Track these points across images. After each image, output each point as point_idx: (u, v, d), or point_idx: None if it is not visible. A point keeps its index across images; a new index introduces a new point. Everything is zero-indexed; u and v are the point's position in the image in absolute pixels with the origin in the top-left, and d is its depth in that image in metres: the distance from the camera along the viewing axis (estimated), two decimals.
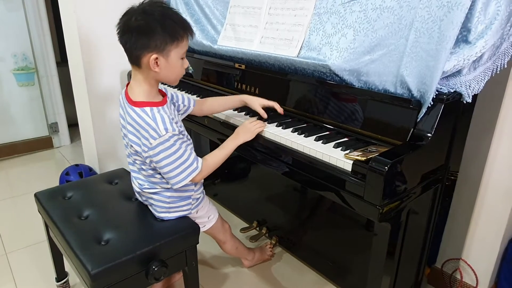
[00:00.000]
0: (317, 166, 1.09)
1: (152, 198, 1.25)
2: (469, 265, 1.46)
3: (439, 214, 1.28)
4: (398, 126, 1.09)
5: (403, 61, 1.09)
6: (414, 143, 1.04)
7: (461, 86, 1.07)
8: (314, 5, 1.34)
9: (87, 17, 1.93)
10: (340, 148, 1.11)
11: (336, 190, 1.05)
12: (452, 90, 1.06)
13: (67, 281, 1.53)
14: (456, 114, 1.11)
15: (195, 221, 1.32)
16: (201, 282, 1.47)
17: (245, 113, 1.45)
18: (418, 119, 1.05)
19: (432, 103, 1.04)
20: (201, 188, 1.33)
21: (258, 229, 1.85)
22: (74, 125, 2.76)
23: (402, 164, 0.96)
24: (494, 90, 1.24)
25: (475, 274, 1.45)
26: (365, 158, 0.98)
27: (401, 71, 1.09)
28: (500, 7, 0.99)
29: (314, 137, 1.20)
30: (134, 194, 1.36)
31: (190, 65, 1.84)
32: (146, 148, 1.11)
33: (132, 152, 1.19)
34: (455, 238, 1.48)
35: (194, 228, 1.25)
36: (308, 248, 1.69)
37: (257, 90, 1.50)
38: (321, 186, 1.09)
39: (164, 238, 1.17)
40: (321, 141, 1.16)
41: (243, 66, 1.55)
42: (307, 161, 1.12)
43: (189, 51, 1.88)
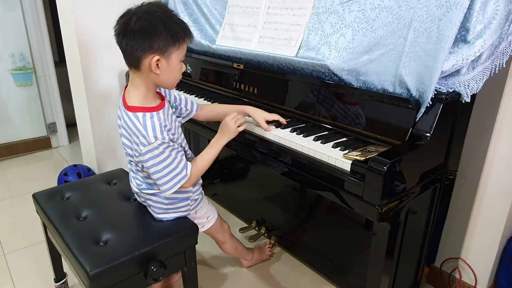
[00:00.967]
0: (316, 166, 1.09)
1: (150, 199, 1.25)
2: (468, 264, 1.46)
3: (438, 214, 1.28)
4: (397, 125, 1.09)
5: (402, 60, 1.09)
6: (413, 143, 1.04)
7: (459, 86, 1.07)
8: (313, 4, 1.34)
9: (85, 16, 1.92)
10: (339, 148, 1.11)
11: (335, 190, 1.05)
12: (450, 90, 1.06)
13: (66, 282, 1.52)
14: (454, 114, 1.12)
15: (194, 221, 1.32)
16: (200, 283, 1.47)
17: None
18: (417, 119, 1.05)
19: (430, 103, 1.04)
20: (199, 189, 1.33)
21: (257, 229, 1.85)
22: (72, 125, 2.75)
23: (401, 164, 0.96)
24: (493, 89, 1.24)
25: (474, 273, 1.45)
26: (364, 158, 0.98)
27: (399, 71, 1.09)
28: (498, 7, 0.99)
29: (313, 137, 1.20)
30: (132, 194, 1.35)
31: (188, 65, 1.84)
32: (136, 153, 1.11)
33: (129, 155, 1.19)
34: (454, 237, 1.48)
35: (193, 228, 1.25)
36: (307, 247, 1.69)
37: (255, 90, 1.50)
38: (320, 186, 1.09)
39: (163, 239, 1.16)
40: (320, 141, 1.16)
41: (242, 66, 1.54)
42: (306, 161, 1.12)
43: (187, 51, 1.87)
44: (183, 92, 1.75)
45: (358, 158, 1.00)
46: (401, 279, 1.27)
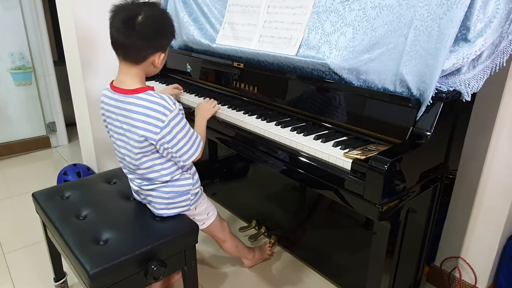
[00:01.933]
0: (316, 164, 1.09)
1: (150, 195, 1.25)
2: (468, 263, 1.46)
3: (438, 213, 1.28)
4: (397, 124, 1.09)
5: (403, 59, 1.08)
6: (414, 142, 1.04)
7: (460, 85, 1.07)
8: (313, 3, 1.34)
9: (85, 15, 1.92)
10: (339, 147, 1.11)
11: (335, 188, 1.05)
12: (451, 89, 1.06)
13: (65, 281, 1.52)
14: (455, 113, 1.11)
15: (195, 218, 1.32)
16: (200, 282, 1.47)
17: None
18: (418, 118, 1.05)
19: (431, 102, 1.04)
20: (198, 182, 1.32)
21: (257, 228, 1.85)
22: (71, 124, 2.75)
23: (402, 162, 0.96)
24: (493, 88, 1.24)
25: (474, 273, 1.45)
26: (364, 157, 0.98)
27: (400, 70, 1.09)
28: (499, 5, 0.98)
29: (313, 136, 1.20)
30: (132, 194, 1.35)
31: (188, 64, 1.84)
32: (158, 129, 1.10)
33: (127, 148, 1.18)
34: (454, 236, 1.48)
35: (193, 227, 1.25)
36: (307, 247, 1.69)
37: (255, 89, 1.50)
38: (320, 185, 1.09)
39: (163, 238, 1.16)
40: (320, 139, 1.16)
41: (242, 65, 1.54)
42: (306, 160, 1.12)
43: (187, 50, 1.88)
44: (183, 91, 1.75)
45: (358, 157, 0.99)
46: (401, 278, 1.27)
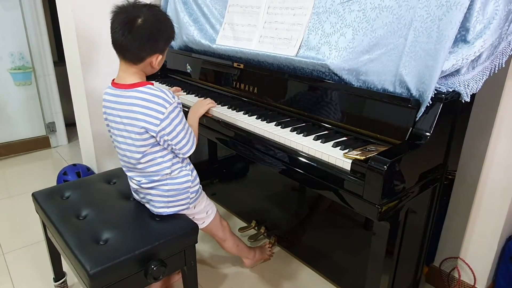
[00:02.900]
0: (316, 165, 1.09)
1: (150, 194, 1.25)
2: (467, 263, 1.46)
3: (437, 213, 1.28)
4: (397, 125, 1.09)
5: (402, 60, 1.09)
6: (413, 142, 1.04)
7: (459, 86, 1.07)
8: (313, 4, 1.34)
9: (85, 16, 1.92)
10: (339, 147, 1.11)
11: (335, 189, 1.05)
12: (450, 90, 1.06)
13: (65, 281, 1.52)
14: (454, 113, 1.12)
15: (194, 217, 1.32)
16: (200, 282, 1.47)
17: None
18: (417, 118, 1.05)
19: (430, 102, 1.04)
20: (197, 179, 1.32)
21: (256, 228, 1.85)
22: (71, 124, 2.75)
23: (401, 163, 0.96)
24: (492, 89, 1.25)
25: (473, 273, 1.45)
26: (364, 157, 0.98)
27: (400, 71, 1.09)
28: (498, 7, 0.99)
29: (313, 136, 1.20)
30: (132, 194, 1.35)
31: (188, 64, 1.84)
32: (158, 121, 1.12)
33: (127, 143, 1.19)
34: (453, 237, 1.49)
35: (193, 227, 1.25)
36: (307, 247, 1.69)
37: (255, 89, 1.50)
38: (320, 185, 1.10)
39: (162, 238, 1.16)
40: (320, 140, 1.16)
41: (242, 66, 1.55)
42: (306, 160, 1.12)
43: (187, 50, 1.88)
44: (183, 91, 1.75)
45: (358, 157, 1.00)
46: (400, 279, 1.27)
